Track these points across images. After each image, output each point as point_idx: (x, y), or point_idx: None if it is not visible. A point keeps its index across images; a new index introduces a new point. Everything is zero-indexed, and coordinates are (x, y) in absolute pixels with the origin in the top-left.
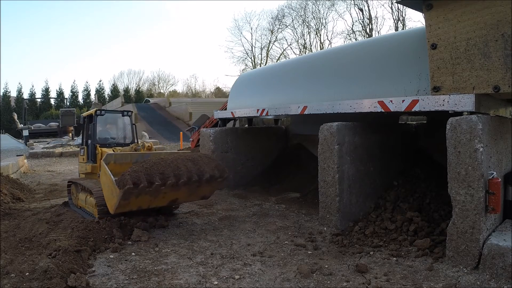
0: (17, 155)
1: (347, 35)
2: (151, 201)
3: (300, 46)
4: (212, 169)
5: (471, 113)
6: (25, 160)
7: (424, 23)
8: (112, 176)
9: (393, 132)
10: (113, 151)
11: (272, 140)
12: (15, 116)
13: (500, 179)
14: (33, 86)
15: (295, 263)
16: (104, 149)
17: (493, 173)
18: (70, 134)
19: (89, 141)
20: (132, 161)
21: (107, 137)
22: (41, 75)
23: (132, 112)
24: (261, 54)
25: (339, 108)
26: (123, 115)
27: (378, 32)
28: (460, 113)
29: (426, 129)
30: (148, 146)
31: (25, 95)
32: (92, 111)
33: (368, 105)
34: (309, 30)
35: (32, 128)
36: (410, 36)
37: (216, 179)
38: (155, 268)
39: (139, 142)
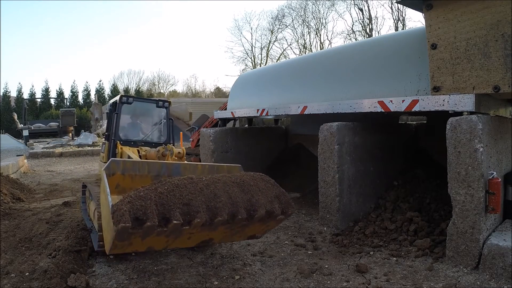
0: (17, 155)
1: (347, 35)
2: (169, 243)
3: (300, 46)
4: (270, 200)
5: (471, 113)
6: (25, 160)
7: (424, 23)
8: (109, 198)
9: (393, 132)
10: (138, 151)
11: (272, 140)
12: (15, 116)
13: (500, 179)
14: (33, 86)
15: (295, 263)
16: (125, 148)
17: (493, 173)
18: (70, 134)
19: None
20: (150, 174)
21: (134, 133)
22: (41, 75)
23: (169, 102)
24: (261, 54)
25: (339, 108)
26: (157, 106)
27: (378, 32)
28: (460, 113)
29: (426, 129)
30: (179, 152)
31: (25, 95)
32: (117, 97)
33: (368, 105)
34: (309, 30)
35: (32, 128)
36: (410, 36)
37: (275, 216)
38: (155, 268)
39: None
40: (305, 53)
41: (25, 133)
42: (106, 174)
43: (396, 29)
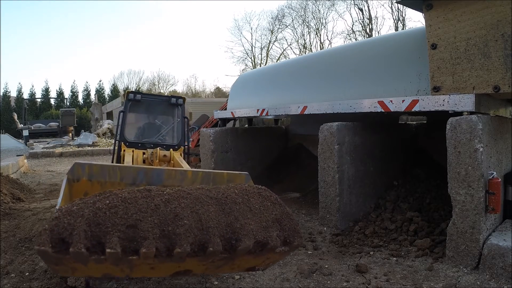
0: (17, 155)
1: (347, 35)
2: (126, 272)
3: (300, 46)
4: (265, 226)
5: (471, 113)
6: (25, 160)
7: (424, 23)
8: (57, 207)
9: (393, 132)
10: (144, 154)
11: (272, 140)
12: (15, 116)
13: (500, 179)
14: (33, 86)
15: (295, 263)
16: (128, 151)
17: (493, 173)
18: (70, 134)
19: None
20: (124, 182)
21: (143, 134)
22: (41, 75)
23: (184, 99)
24: (261, 54)
25: (339, 108)
26: (170, 103)
27: (378, 32)
28: (460, 113)
29: (426, 129)
30: (164, 155)
31: (25, 95)
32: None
33: (368, 105)
34: (309, 30)
35: (32, 128)
36: (410, 36)
37: (272, 249)
38: None
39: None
40: (305, 53)
41: (25, 133)
42: (69, 179)
43: (396, 29)
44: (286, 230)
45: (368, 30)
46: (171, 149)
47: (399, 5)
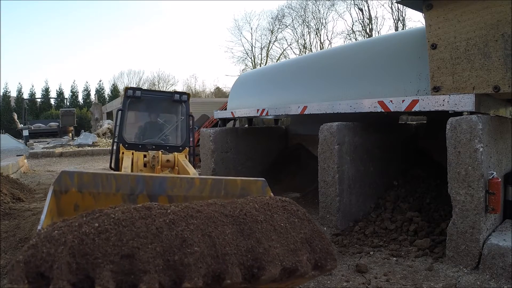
0: (17, 155)
1: (347, 35)
2: None
3: (300, 46)
4: (293, 249)
5: (471, 113)
6: (25, 160)
7: (424, 23)
8: (39, 226)
9: (393, 132)
10: (145, 156)
11: (272, 140)
12: (15, 116)
13: (500, 179)
14: (33, 86)
15: None
16: (127, 153)
17: (493, 173)
18: (70, 134)
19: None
20: (121, 192)
21: (144, 134)
22: (41, 75)
23: (188, 95)
24: (261, 54)
25: (339, 108)
26: (174, 100)
27: (378, 32)
28: (460, 113)
29: (426, 129)
30: (168, 161)
31: (25, 95)
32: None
33: (368, 105)
34: (309, 30)
35: (32, 128)
36: (410, 36)
37: (301, 275)
38: None
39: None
40: (305, 53)
41: (25, 133)
42: (56, 191)
43: (396, 29)
44: (317, 252)
45: (368, 30)
46: (175, 153)
47: (399, 5)
